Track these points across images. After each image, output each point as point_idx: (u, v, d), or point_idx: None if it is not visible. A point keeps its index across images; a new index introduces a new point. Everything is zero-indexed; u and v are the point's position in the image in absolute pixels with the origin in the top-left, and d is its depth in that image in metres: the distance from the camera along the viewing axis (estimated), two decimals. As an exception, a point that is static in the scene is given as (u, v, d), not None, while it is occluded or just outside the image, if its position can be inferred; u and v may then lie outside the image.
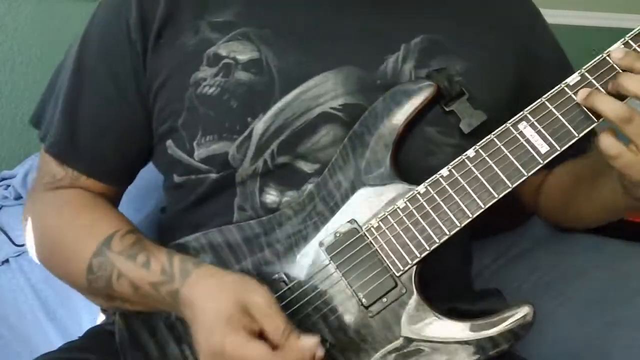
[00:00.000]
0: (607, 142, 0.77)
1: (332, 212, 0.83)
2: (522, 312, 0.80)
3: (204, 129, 0.86)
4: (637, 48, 0.79)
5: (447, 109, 0.86)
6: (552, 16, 1.03)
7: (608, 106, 0.77)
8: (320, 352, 0.74)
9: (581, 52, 0.97)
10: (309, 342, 0.74)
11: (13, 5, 1.41)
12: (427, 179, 0.82)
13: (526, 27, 0.97)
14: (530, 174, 0.79)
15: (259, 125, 0.84)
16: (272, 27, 0.88)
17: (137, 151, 0.94)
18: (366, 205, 0.82)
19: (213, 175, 0.87)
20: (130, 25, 0.88)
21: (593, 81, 0.79)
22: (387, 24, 0.90)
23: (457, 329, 0.80)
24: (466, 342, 0.80)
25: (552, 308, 1.08)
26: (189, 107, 0.86)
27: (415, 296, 0.80)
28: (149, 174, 0.98)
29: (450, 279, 0.91)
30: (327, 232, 0.82)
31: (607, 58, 0.79)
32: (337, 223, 0.82)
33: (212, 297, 0.77)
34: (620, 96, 0.78)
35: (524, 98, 0.85)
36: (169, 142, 0.89)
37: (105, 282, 0.84)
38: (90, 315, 1.15)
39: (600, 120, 0.79)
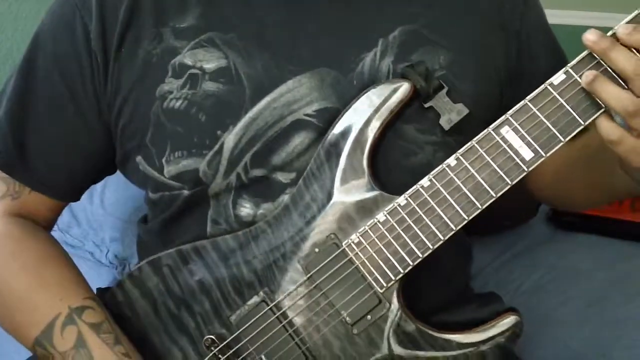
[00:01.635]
0: (607, 127, 0.71)
1: (310, 225, 0.79)
2: (509, 323, 0.78)
3: (172, 145, 0.81)
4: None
5: (425, 106, 0.81)
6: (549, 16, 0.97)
7: (613, 95, 0.71)
8: None
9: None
10: None
11: (13, 5, 1.39)
12: (409, 183, 0.78)
13: (517, 12, 0.89)
14: (514, 182, 0.75)
15: (230, 138, 0.80)
16: (237, 30, 0.82)
17: (92, 166, 0.89)
18: (345, 218, 0.79)
19: (185, 192, 0.83)
20: (90, 32, 0.82)
21: (578, 79, 0.74)
22: (362, 18, 0.84)
23: (443, 343, 0.78)
24: (454, 357, 0.78)
25: (552, 308, 1.07)
26: (155, 122, 0.82)
27: (399, 312, 0.78)
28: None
29: (446, 284, 0.87)
30: (306, 247, 0.79)
31: (593, 54, 0.74)
32: (316, 238, 0.79)
33: None
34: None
35: (515, 88, 0.79)
36: (139, 159, 0.84)
37: None
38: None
39: (587, 123, 0.74)
